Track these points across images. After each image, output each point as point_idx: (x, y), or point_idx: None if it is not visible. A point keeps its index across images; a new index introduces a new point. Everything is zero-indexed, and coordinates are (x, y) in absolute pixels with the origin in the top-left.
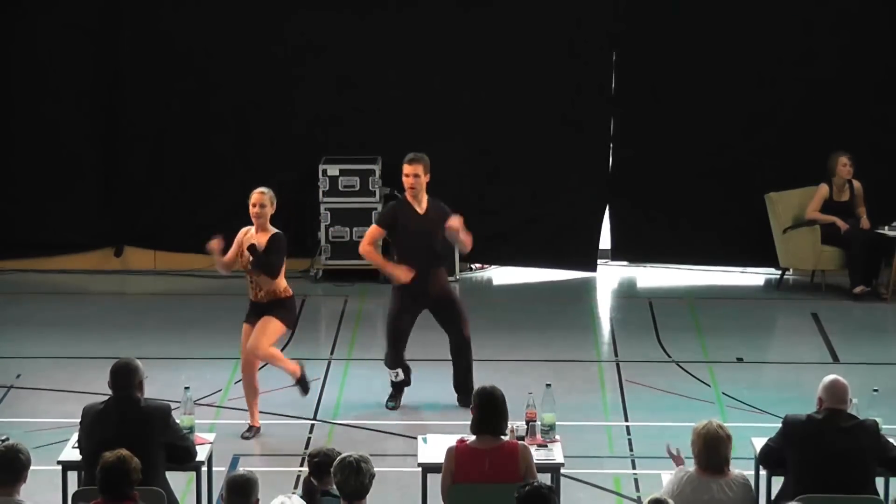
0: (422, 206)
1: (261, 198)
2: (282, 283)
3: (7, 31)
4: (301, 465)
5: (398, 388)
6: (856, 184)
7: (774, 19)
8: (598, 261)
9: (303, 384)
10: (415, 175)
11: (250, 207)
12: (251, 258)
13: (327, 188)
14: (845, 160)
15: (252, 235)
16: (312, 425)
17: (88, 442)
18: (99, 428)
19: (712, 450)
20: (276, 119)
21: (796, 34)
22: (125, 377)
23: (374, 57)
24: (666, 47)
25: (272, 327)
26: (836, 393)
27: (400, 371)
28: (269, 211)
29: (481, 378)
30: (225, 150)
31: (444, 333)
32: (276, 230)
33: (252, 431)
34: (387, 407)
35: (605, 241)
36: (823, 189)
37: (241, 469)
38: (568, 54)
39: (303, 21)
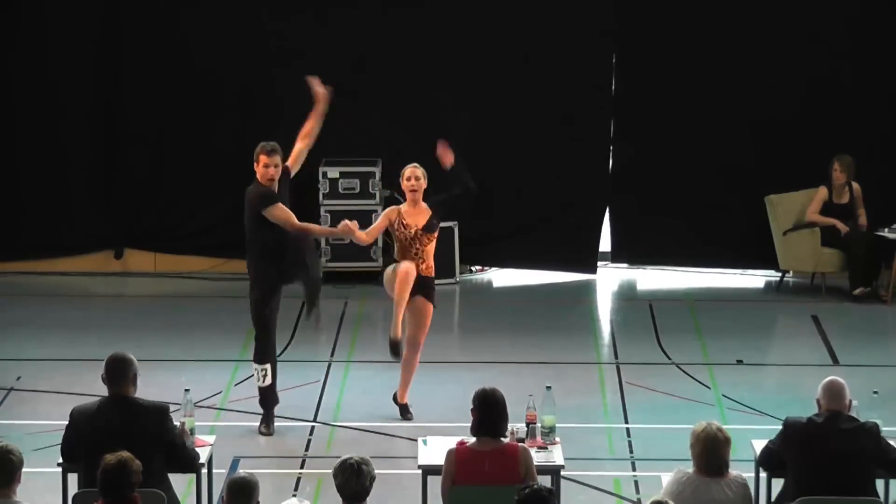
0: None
1: (415, 171)
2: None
3: (8, 33)
4: (301, 468)
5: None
6: (855, 186)
7: (775, 21)
8: (599, 263)
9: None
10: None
11: (405, 182)
12: (427, 230)
13: (327, 190)
14: (837, 165)
15: (409, 212)
16: (313, 427)
17: (85, 443)
18: (94, 428)
19: (711, 452)
20: (275, 121)
21: (797, 35)
22: (119, 370)
23: (373, 59)
24: (666, 49)
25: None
26: (833, 393)
27: None
28: (423, 184)
29: (481, 380)
30: (225, 153)
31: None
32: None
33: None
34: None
35: (605, 243)
36: (823, 191)
37: (242, 471)
38: (568, 55)
39: (303, 22)
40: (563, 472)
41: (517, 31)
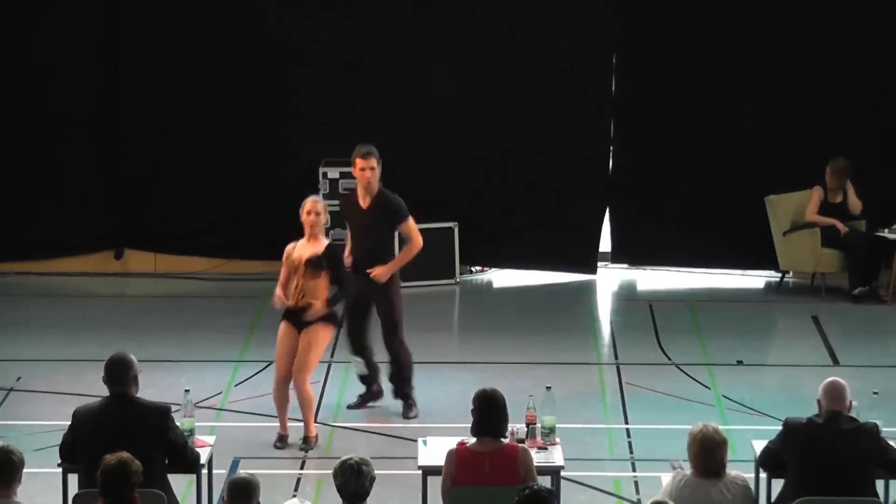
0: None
1: (315, 205)
2: (324, 293)
3: (8, 33)
4: (301, 468)
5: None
6: (848, 183)
7: (774, 21)
8: (599, 263)
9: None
10: (370, 168)
11: (304, 215)
12: (311, 266)
13: (327, 191)
14: (828, 169)
15: (303, 245)
16: None
17: (86, 443)
18: (95, 428)
19: (708, 454)
20: (276, 122)
21: (795, 36)
22: (120, 371)
23: (374, 59)
24: (666, 50)
25: (320, 341)
26: (833, 393)
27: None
28: (323, 219)
29: (481, 381)
30: (225, 153)
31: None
32: (329, 240)
33: (283, 442)
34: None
35: (605, 244)
36: (818, 192)
37: (242, 472)
38: (568, 56)
39: (303, 23)
40: (563, 473)
41: (518, 32)
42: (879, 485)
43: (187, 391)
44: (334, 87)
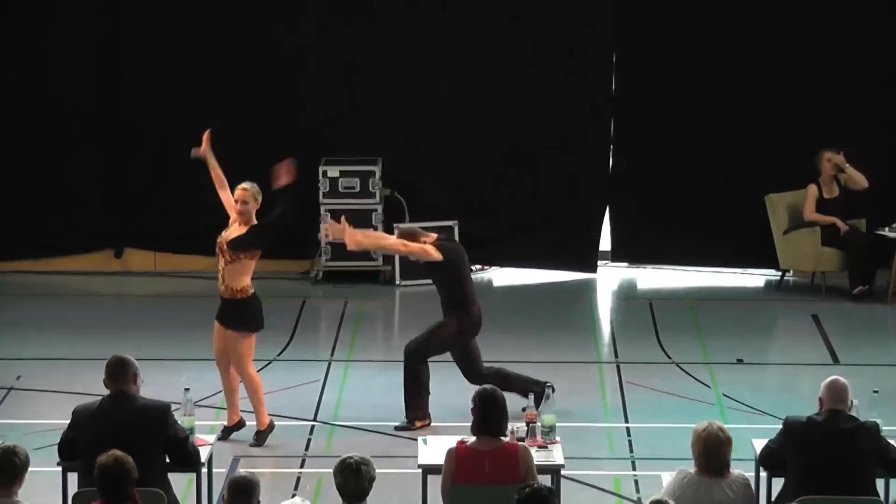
0: None
1: (243, 194)
2: (244, 280)
3: (9, 32)
4: (301, 467)
5: None
6: (841, 177)
7: (774, 20)
8: (599, 262)
9: (260, 437)
10: None
11: (234, 203)
12: (233, 247)
13: (327, 189)
14: (829, 155)
15: (232, 228)
16: (312, 427)
17: (85, 443)
18: (95, 427)
19: (712, 452)
20: (276, 121)
21: (795, 35)
22: (119, 368)
23: (374, 58)
24: (666, 49)
25: (242, 348)
26: (835, 393)
27: None
28: (253, 207)
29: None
30: (225, 152)
31: None
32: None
33: (228, 432)
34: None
35: (605, 243)
36: (813, 190)
37: (243, 471)
38: (568, 55)
39: (304, 23)
40: (563, 472)
41: (518, 32)
42: (879, 484)
43: (187, 390)
44: (334, 88)
